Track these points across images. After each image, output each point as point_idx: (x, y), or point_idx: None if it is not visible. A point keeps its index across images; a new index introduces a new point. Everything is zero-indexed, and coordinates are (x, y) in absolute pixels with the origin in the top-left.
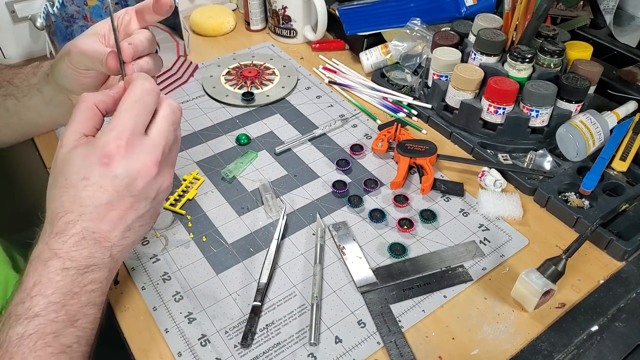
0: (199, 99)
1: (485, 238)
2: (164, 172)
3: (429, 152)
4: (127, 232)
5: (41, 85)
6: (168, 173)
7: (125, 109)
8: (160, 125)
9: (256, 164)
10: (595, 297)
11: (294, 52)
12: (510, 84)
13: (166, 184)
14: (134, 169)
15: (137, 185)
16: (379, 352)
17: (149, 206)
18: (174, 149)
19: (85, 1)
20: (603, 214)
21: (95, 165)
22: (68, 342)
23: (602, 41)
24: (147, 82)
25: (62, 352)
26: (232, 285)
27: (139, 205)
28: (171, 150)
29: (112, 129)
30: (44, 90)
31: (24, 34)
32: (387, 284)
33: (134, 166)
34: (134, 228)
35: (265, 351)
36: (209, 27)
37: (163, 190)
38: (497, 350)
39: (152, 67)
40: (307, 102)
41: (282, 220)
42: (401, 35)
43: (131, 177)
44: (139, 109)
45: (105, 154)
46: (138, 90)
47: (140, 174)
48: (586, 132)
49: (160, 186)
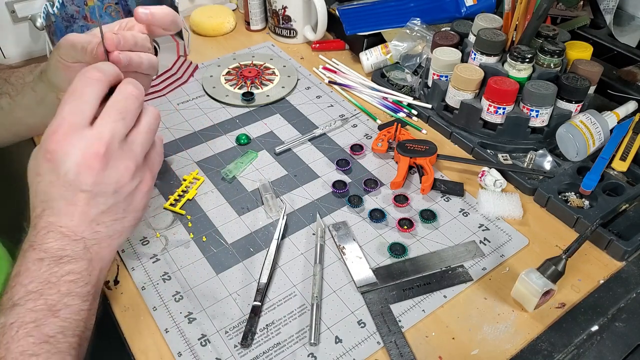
0: (199, 99)
1: (485, 238)
2: (119, 165)
3: (429, 152)
4: (97, 226)
5: (35, 83)
6: (135, 169)
7: (64, 102)
8: (105, 116)
9: (256, 164)
10: (595, 297)
11: (294, 52)
12: (510, 84)
13: (145, 186)
14: (73, 162)
15: (84, 180)
16: (379, 352)
17: (112, 200)
18: (153, 154)
19: (85, 1)
20: (603, 214)
21: (41, 161)
22: (51, 332)
23: (602, 41)
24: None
25: (45, 342)
26: (232, 285)
27: (97, 200)
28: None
29: (52, 123)
30: (37, 88)
31: (24, 34)
32: (387, 284)
33: (72, 160)
34: (105, 223)
35: (265, 351)
36: (209, 27)
37: (125, 185)
38: (497, 350)
39: (145, 63)
40: (307, 102)
41: (282, 220)
42: (401, 35)
43: (74, 172)
44: (78, 104)
45: (46, 148)
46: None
47: (82, 168)
48: (586, 132)
49: (117, 181)
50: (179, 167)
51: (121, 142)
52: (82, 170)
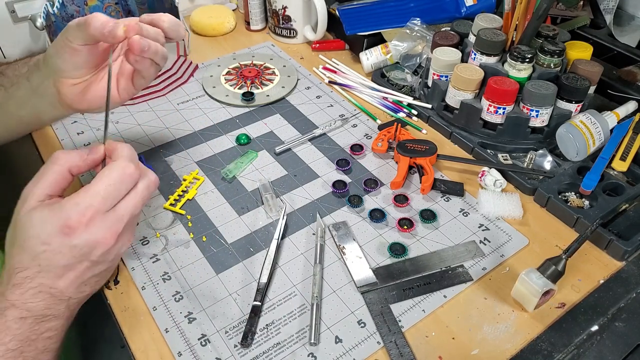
0: (199, 99)
1: (485, 238)
2: (124, 238)
3: (429, 152)
4: (84, 287)
5: (30, 73)
6: (128, 236)
7: (97, 190)
8: (130, 201)
9: (256, 164)
10: (595, 297)
11: (294, 52)
12: (510, 84)
13: (126, 246)
14: (93, 240)
15: (96, 253)
16: (379, 352)
17: (107, 265)
18: (138, 215)
19: (85, 1)
20: (603, 214)
21: (55, 233)
22: None
23: (602, 41)
24: (129, 167)
25: None
26: (232, 285)
27: (97, 267)
28: (135, 217)
29: (79, 203)
30: (32, 78)
31: (24, 34)
32: (387, 284)
33: (93, 238)
34: (90, 283)
35: (265, 351)
36: (209, 27)
37: (123, 251)
38: (497, 350)
39: (160, 52)
40: (307, 102)
41: (282, 220)
42: (401, 35)
43: (90, 246)
44: (111, 192)
45: (68, 225)
46: (116, 173)
47: (100, 244)
48: (586, 132)
49: (119, 250)
50: (179, 167)
51: (112, 204)
52: (100, 245)
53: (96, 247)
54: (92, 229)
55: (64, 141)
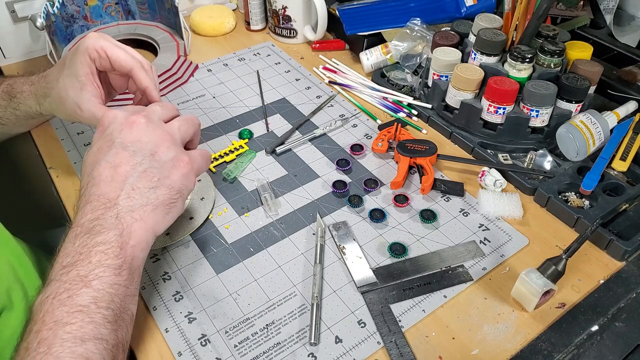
0: (199, 98)
1: (486, 238)
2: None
3: (429, 152)
4: (132, 191)
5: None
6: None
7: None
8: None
9: (256, 164)
10: (595, 297)
11: (294, 52)
12: (510, 84)
13: (184, 175)
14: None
15: (126, 136)
16: (379, 352)
17: (148, 164)
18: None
19: (85, 1)
20: (603, 214)
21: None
22: (84, 302)
23: (602, 41)
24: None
25: (78, 312)
26: (232, 285)
27: (134, 159)
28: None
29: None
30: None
31: (24, 34)
32: (387, 284)
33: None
34: (139, 189)
35: (265, 351)
36: (209, 27)
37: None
38: (497, 350)
39: None
40: (307, 102)
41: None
42: (401, 35)
43: (117, 129)
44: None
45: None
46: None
47: (125, 125)
48: (586, 132)
49: (155, 144)
50: None
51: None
52: (125, 127)
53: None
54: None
55: (64, 141)
